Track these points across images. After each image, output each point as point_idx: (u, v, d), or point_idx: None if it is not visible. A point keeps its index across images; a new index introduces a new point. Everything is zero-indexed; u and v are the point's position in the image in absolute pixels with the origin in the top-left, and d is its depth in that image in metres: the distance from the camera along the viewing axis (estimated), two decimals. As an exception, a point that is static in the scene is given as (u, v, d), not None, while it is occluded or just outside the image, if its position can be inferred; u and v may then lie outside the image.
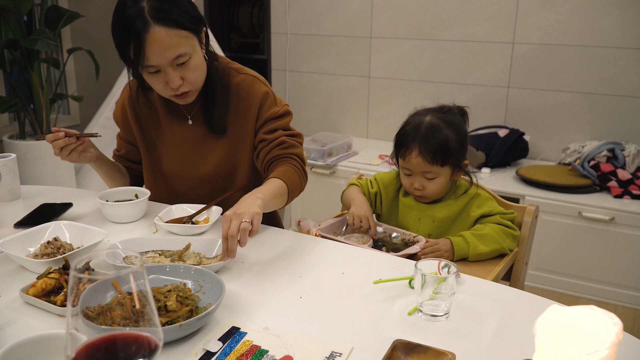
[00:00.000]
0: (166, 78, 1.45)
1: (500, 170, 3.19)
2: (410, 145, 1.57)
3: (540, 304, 1.15)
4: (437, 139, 1.55)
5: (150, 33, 1.37)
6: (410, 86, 3.60)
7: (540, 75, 3.24)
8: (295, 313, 1.11)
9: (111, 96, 3.45)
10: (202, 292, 1.11)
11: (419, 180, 1.59)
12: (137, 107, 1.68)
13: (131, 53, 1.40)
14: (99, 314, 0.82)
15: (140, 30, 1.37)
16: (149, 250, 1.31)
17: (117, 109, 1.74)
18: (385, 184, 1.74)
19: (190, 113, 1.64)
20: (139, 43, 1.38)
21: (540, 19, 3.17)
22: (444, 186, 1.60)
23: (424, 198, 1.63)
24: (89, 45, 3.57)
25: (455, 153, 1.57)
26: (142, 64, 1.41)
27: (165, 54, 1.40)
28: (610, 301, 2.79)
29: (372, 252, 1.43)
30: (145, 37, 1.37)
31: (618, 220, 2.70)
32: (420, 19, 3.48)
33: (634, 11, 2.94)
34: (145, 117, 1.68)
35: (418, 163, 1.56)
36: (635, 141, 3.04)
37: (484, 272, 1.48)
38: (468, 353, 0.97)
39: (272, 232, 1.52)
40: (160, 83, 1.47)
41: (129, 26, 1.37)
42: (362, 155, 3.46)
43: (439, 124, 1.57)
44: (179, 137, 1.65)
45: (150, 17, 1.37)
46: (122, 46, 1.42)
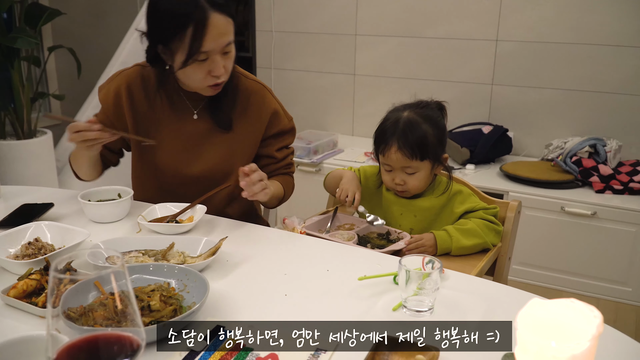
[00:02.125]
0: (211, 66, 1.47)
1: (485, 166, 3.21)
2: (389, 141, 1.58)
3: (522, 297, 1.16)
4: (416, 134, 1.56)
5: (211, 19, 1.41)
6: (395, 83, 3.61)
7: (524, 73, 3.26)
8: (280, 311, 1.11)
9: (93, 95, 3.42)
10: (187, 291, 1.10)
11: (400, 176, 1.60)
12: (134, 97, 1.64)
13: (187, 39, 1.41)
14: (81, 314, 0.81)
15: (202, 16, 1.40)
16: (132, 250, 1.30)
17: (108, 93, 1.66)
18: (367, 176, 1.75)
19: (197, 108, 1.64)
20: (200, 28, 1.40)
21: (524, 17, 3.19)
22: (424, 180, 1.61)
23: (406, 193, 1.64)
24: (70, 43, 3.53)
25: (434, 147, 1.57)
26: (197, 50, 1.42)
27: (221, 40, 1.44)
28: (592, 294, 2.82)
29: (356, 249, 1.43)
30: (206, 22, 1.40)
31: (600, 214, 2.72)
32: (405, 17, 3.49)
33: (617, 9, 2.97)
34: (143, 109, 1.64)
35: (397, 158, 1.57)
36: (617, 137, 3.07)
37: (468, 268, 1.49)
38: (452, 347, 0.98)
39: (257, 230, 1.52)
40: (202, 72, 1.48)
41: (187, 12, 1.39)
42: (348, 153, 3.46)
43: (417, 119, 1.58)
44: (179, 132, 1.64)
45: (207, 2, 1.41)
46: (170, 34, 1.43)
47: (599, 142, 2.97)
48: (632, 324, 2.61)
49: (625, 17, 2.97)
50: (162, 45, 1.48)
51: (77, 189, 1.75)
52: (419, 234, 1.58)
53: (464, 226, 1.56)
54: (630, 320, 2.64)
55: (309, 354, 0.96)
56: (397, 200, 1.66)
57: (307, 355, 0.95)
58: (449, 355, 0.95)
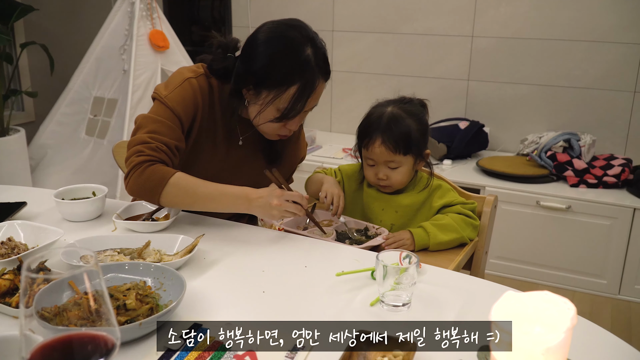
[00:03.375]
0: (291, 121, 1.49)
1: (462, 161, 3.23)
2: (374, 135, 1.59)
3: (498, 291, 1.17)
4: (400, 128, 1.57)
5: (318, 85, 1.46)
6: (373, 79, 3.62)
7: (499, 68, 3.29)
8: (258, 307, 1.10)
9: (67, 91, 3.37)
10: (163, 289, 1.09)
11: (383, 170, 1.61)
12: (205, 110, 1.55)
13: (286, 95, 1.43)
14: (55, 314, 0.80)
15: (312, 80, 1.44)
16: (107, 249, 1.28)
17: (185, 102, 1.50)
18: (348, 175, 1.75)
19: (244, 135, 1.61)
20: (307, 91, 1.44)
21: (499, 13, 3.22)
22: (407, 176, 1.62)
23: (388, 188, 1.64)
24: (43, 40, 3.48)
25: (417, 142, 1.59)
26: (299, 111, 1.46)
27: (314, 103, 1.50)
28: (568, 287, 2.86)
29: (335, 245, 1.43)
30: (315, 88, 1.45)
31: (574, 208, 2.77)
32: (382, 13, 3.49)
33: (589, 5, 3.02)
34: (204, 123, 1.57)
35: (381, 152, 1.58)
36: (591, 132, 3.12)
37: (445, 262, 1.50)
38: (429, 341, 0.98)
39: (234, 227, 1.51)
40: (279, 124, 1.49)
41: (300, 71, 1.42)
42: (326, 149, 3.46)
43: (401, 114, 1.59)
44: (224, 152, 1.60)
45: (318, 68, 1.45)
46: (271, 84, 1.43)
47: (573, 137, 3.01)
48: (607, 316, 2.66)
49: (599, 13, 3.01)
50: (252, 87, 1.47)
51: (51, 187, 1.72)
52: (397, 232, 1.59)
53: (440, 221, 1.57)
54: (606, 312, 2.69)
55: (287, 350, 0.96)
56: (378, 196, 1.67)
57: (285, 352, 0.95)
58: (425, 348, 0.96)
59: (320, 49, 1.47)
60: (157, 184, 1.41)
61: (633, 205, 2.68)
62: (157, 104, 1.51)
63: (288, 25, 1.47)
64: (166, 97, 1.48)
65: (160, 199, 1.42)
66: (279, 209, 1.37)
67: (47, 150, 3.40)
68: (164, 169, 1.42)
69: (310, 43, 1.44)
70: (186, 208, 1.48)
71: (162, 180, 1.41)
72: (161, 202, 1.44)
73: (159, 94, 1.50)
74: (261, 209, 1.39)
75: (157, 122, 1.47)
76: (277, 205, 1.37)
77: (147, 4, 3.18)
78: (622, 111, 3.08)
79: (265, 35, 1.46)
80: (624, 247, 2.73)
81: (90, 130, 3.30)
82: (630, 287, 2.75)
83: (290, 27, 1.46)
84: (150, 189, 1.42)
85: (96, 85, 3.29)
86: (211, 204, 1.43)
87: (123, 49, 3.16)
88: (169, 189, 1.41)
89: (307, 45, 1.44)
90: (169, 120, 1.47)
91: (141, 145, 1.44)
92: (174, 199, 1.43)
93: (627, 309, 2.71)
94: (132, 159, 1.44)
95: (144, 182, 1.42)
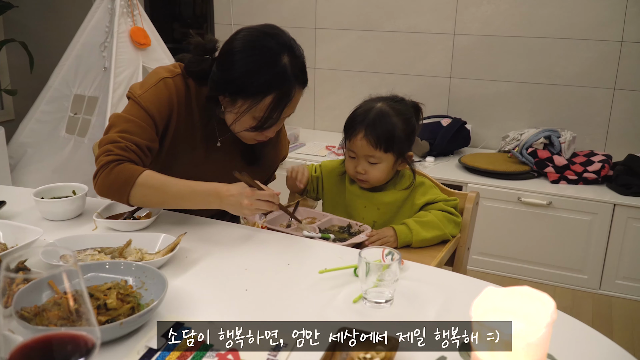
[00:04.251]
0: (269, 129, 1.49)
1: (444, 158, 3.25)
2: (357, 128, 1.59)
3: (480, 286, 1.17)
4: (384, 124, 1.57)
5: (295, 95, 1.45)
6: (355, 77, 3.62)
7: (481, 66, 3.32)
8: (241, 306, 1.10)
9: (47, 89, 3.33)
10: (145, 288, 1.09)
11: (362, 164, 1.61)
12: (181, 111, 1.53)
13: (263, 105, 1.42)
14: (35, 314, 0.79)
15: (289, 90, 1.43)
16: (87, 248, 1.27)
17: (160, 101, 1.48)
18: (329, 170, 1.76)
19: (222, 136, 1.59)
20: (283, 101, 1.43)
21: (480, 11, 3.24)
22: (385, 173, 1.62)
23: (366, 183, 1.65)
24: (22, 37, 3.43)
25: (400, 142, 1.59)
26: (276, 120, 1.46)
27: (291, 111, 1.50)
28: (549, 282, 2.90)
29: (318, 242, 1.43)
30: (291, 97, 1.45)
31: (555, 204, 2.80)
32: (364, 10, 3.50)
33: (569, 2, 3.05)
34: (181, 124, 1.55)
35: (362, 145, 1.58)
36: (571, 128, 3.16)
37: (427, 259, 1.50)
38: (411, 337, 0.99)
39: (217, 225, 1.50)
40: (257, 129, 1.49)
41: (276, 81, 1.41)
42: (309, 147, 3.46)
43: (389, 112, 1.59)
44: (202, 154, 1.59)
45: (295, 78, 1.44)
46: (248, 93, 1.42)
47: (554, 134, 3.04)
48: (588, 310, 2.69)
49: (578, 11, 3.04)
50: (228, 95, 1.45)
51: (31, 186, 1.70)
52: (380, 228, 1.59)
53: (423, 218, 1.58)
54: (587, 306, 2.72)
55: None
56: (361, 193, 1.67)
57: (268, 349, 0.95)
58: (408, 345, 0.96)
59: (297, 57, 1.45)
60: (125, 183, 1.39)
61: (613, 200, 2.71)
62: (130, 103, 1.49)
63: (264, 33, 1.45)
64: (140, 96, 1.47)
65: (129, 198, 1.41)
66: (249, 208, 1.37)
67: (27, 148, 3.36)
68: (131, 167, 1.40)
69: (287, 51, 1.43)
70: (156, 206, 1.47)
71: (130, 179, 1.39)
72: (130, 201, 1.42)
73: (133, 94, 1.48)
74: (232, 207, 1.38)
75: (128, 121, 1.45)
76: (248, 205, 1.36)
77: (128, 1, 3.15)
78: (602, 108, 3.12)
79: (241, 43, 1.43)
80: (604, 242, 2.76)
81: (71, 129, 3.26)
82: (610, 281, 2.79)
83: (267, 36, 1.44)
84: (117, 189, 1.40)
85: (76, 83, 3.25)
86: (182, 202, 1.42)
87: (104, 46, 3.13)
88: (138, 188, 1.39)
89: (284, 54, 1.42)
90: (141, 120, 1.45)
91: (110, 145, 1.42)
92: (143, 199, 1.42)
93: (608, 303, 2.74)
94: (100, 158, 1.43)
95: (111, 182, 1.40)
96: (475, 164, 3.03)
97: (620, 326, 2.57)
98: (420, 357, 0.94)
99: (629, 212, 2.70)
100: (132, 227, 1.41)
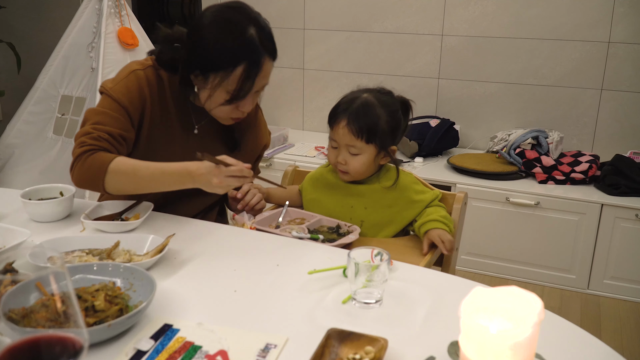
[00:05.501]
0: (243, 102, 1.49)
1: (433, 159, 3.26)
2: (340, 117, 1.60)
3: (468, 286, 1.18)
4: (367, 114, 1.57)
5: (264, 63, 1.46)
6: (344, 78, 3.63)
7: (469, 67, 3.33)
8: (230, 307, 1.10)
9: (34, 90, 3.30)
10: (133, 290, 1.08)
11: (343, 154, 1.61)
12: (154, 101, 1.55)
13: (234, 77, 1.44)
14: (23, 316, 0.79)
15: (257, 59, 1.44)
16: (75, 250, 1.26)
17: (130, 92, 1.51)
18: (316, 177, 1.75)
19: (199, 123, 1.61)
20: (254, 70, 1.44)
21: (467, 12, 3.26)
22: (366, 166, 1.62)
23: (346, 175, 1.64)
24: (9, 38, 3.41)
25: (383, 134, 1.58)
26: (248, 91, 1.46)
27: (263, 82, 1.50)
28: (538, 282, 2.91)
29: (307, 243, 1.43)
30: (261, 66, 1.45)
31: (543, 204, 2.81)
32: (353, 11, 3.50)
33: (556, 3, 3.07)
34: (156, 115, 1.56)
35: (344, 134, 1.58)
36: (558, 129, 3.18)
37: (416, 259, 1.51)
38: (400, 338, 0.99)
39: (205, 226, 1.50)
40: (231, 105, 1.50)
41: (244, 51, 1.42)
42: (299, 147, 3.46)
43: (374, 102, 1.59)
44: (180, 143, 1.60)
45: (263, 47, 1.45)
46: (217, 66, 1.44)
47: (541, 134, 3.06)
48: (576, 310, 2.71)
49: (565, 12, 3.07)
50: (200, 72, 1.47)
51: (18, 187, 1.68)
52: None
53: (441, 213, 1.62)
54: (575, 306, 2.74)
55: (259, 349, 0.95)
56: (347, 193, 1.67)
57: (257, 351, 0.95)
58: (397, 345, 0.97)
59: (263, 27, 1.48)
60: (98, 171, 1.42)
61: (600, 200, 2.74)
62: (103, 97, 1.53)
63: (229, 7, 1.48)
64: (111, 89, 1.51)
65: (105, 185, 1.43)
66: (220, 186, 1.37)
67: (14, 149, 3.33)
68: (104, 155, 1.43)
69: (253, 23, 1.46)
70: (132, 192, 1.48)
71: (102, 167, 1.41)
72: (106, 188, 1.44)
73: (105, 87, 1.52)
74: (204, 185, 1.40)
75: (100, 113, 1.49)
76: (218, 184, 1.37)
77: (116, 1, 3.14)
78: (589, 108, 3.14)
79: (207, 19, 1.47)
80: (592, 242, 2.78)
81: (58, 130, 3.24)
82: (599, 281, 2.81)
83: (232, 9, 1.48)
84: (91, 178, 1.43)
85: (64, 83, 3.23)
86: (155, 185, 1.44)
87: (91, 47, 3.11)
88: (111, 175, 1.41)
89: (250, 25, 1.45)
90: (113, 111, 1.49)
91: (84, 137, 1.46)
92: (117, 185, 1.43)
93: (596, 303, 2.77)
94: (75, 150, 1.46)
95: (85, 171, 1.43)
96: (463, 164, 3.04)
97: (609, 326, 2.59)
98: (409, 357, 0.94)
99: (616, 212, 2.72)
100: (120, 229, 1.41)
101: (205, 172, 1.38)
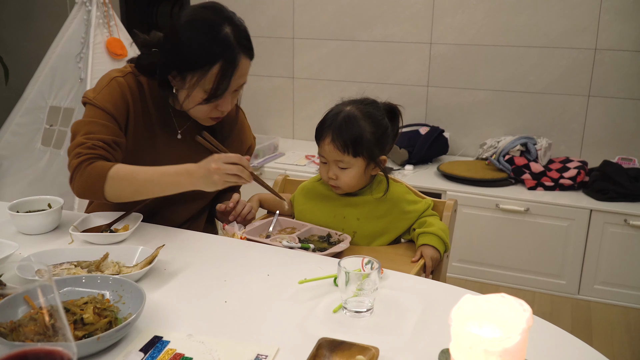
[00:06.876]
0: (220, 101, 1.49)
1: (423, 166, 3.27)
2: (325, 133, 1.60)
3: (458, 294, 1.17)
4: (351, 129, 1.57)
5: (240, 62, 1.47)
6: (334, 86, 3.64)
7: (457, 74, 3.35)
8: (220, 318, 1.09)
9: (22, 101, 3.29)
10: (122, 302, 1.07)
11: (333, 170, 1.61)
12: (137, 107, 1.56)
13: (210, 76, 1.45)
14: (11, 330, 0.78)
15: (233, 57, 1.45)
16: (64, 262, 1.25)
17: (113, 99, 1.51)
18: (308, 188, 1.75)
19: (181, 128, 1.62)
20: (229, 69, 1.45)
21: (455, 20, 3.28)
22: (357, 178, 1.61)
23: (339, 189, 1.64)
24: (-4, 49, 3.39)
25: (370, 145, 1.58)
26: (224, 90, 1.46)
27: (241, 80, 1.51)
28: (528, 288, 2.92)
29: (297, 253, 1.43)
30: (237, 64, 1.46)
31: (532, 210, 2.83)
32: (341, 20, 3.52)
33: (543, 11, 3.10)
34: (139, 121, 1.57)
35: (330, 150, 1.58)
36: (547, 135, 3.20)
37: (407, 267, 1.51)
38: (391, 346, 0.99)
39: (195, 237, 1.50)
40: (210, 105, 1.50)
41: (219, 50, 1.43)
42: (289, 156, 3.46)
43: (357, 115, 1.59)
44: (169, 151, 1.60)
45: (239, 45, 1.47)
46: (194, 66, 1.44)
47: (530, 141, 3.08)
48: (567, 315, 2.72)
49: (552, 19, 3.09)
50: (177, 72, 1.48)
51: (6, 199, 1.67)
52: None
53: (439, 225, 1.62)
54: (566, 311, 2.75)
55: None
56: (340, 204, 1.67)
57: (247, 362, 0.95)
58: (388, 353, 0.96)
59: (239, 26, 1.49)
60: (97, 179, 1.42)
61: (589, 206, 2.75)
62: (88, 107, 1.53)
63: (204, 7, 1.50)
64: (95, 98, 1.51)
65: (105, 193, 1.43)
66: (219, 172, 1.36)
67: (2, 161, 3.31)
68: (102, 164, 1.43)
69: (228, 22, 1.47)
70: (132, 198, 1.47)
71: (102, 174, 1.41)
72: (106, 196, 1.44)
73: (88, 97, 1.53)
74: (203, 178, 1.39)
75: (89, 123, 1.49)
76: (216, 169, 1.36)
77: (104, 11, 3.13)
78: (577, 115, 3.17)
79: (183, 19, 1.49)
80: (581, 248, 2.80)
81: (47, 141, 3.22)
82: (589, 286, 2.83)
83: (207, 9, 1.49)
84: (92, 186, 1.43)
85: (52, 94, 3.21)
86: (155, 188, 1.43)
87: (79, 57, 3.10)
88: (110, 182, 1.41)
89: (225, 24, 1.46)
90: (101, 119, 1.49)
91: (79, 148, 1.46)
92: (117, 192, 1.43)
93: (587, 308, 2.78)
94: (72, 162, 1.46)
95: (85, 181, 1.43)
96: (453, 171, 3.06)
97: (600, 331, 2.60)
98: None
99: (605, 218, 2.74)
100: (109, 240, 1.40)
101: (203, 164, 1.39)
